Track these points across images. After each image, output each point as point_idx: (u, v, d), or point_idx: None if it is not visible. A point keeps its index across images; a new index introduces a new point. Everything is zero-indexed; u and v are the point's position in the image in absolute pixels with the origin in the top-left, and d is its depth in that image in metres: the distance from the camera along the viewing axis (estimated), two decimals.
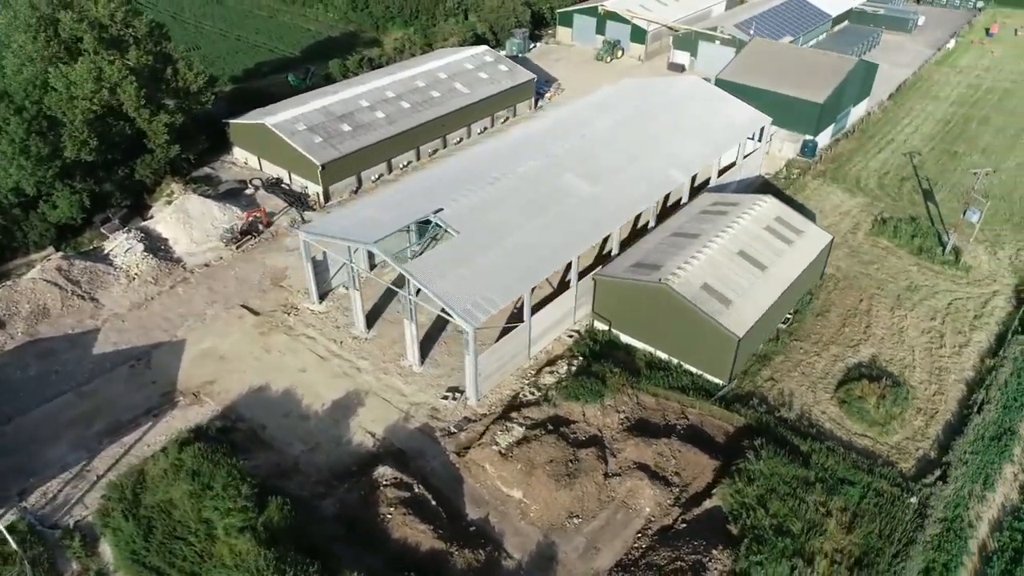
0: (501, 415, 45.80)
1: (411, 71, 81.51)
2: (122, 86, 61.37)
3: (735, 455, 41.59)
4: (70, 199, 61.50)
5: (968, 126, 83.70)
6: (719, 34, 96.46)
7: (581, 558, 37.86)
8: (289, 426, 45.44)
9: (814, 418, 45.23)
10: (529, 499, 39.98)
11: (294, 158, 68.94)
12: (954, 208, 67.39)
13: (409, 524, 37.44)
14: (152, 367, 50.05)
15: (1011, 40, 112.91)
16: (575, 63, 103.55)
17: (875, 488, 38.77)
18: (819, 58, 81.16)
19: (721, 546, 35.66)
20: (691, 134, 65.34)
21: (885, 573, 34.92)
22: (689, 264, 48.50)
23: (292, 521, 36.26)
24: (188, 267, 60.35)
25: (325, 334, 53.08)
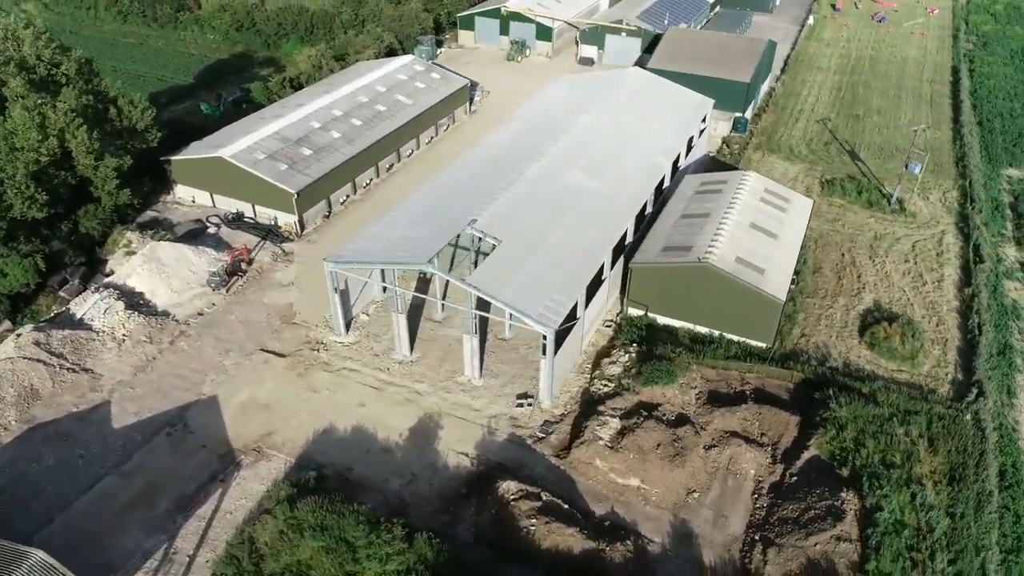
0: (580, 412, 46.74)
1: (348, 87, 79.03)
2: (70, 131, 55.06)
3: (807, 408, 45.31)
4: (21, 264, 54.47)
5: (856, 91, 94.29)
6: (625, 26, 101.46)
7: (715, 528, 39.83)
8: (376, 463, 43.61)
9: (853, 363, 50.08)
10: (648, 484, 41.33)
11: (259, 189, 64.98)
12: (878, 164, 76.18)
13: (556, 531, 37.56)
14: (193, 430, 45.92)
15: (855, 13, 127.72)
16: (486, 64, 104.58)
17: (936, 413, 43.89)
18: (733, 41, 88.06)
19: (845, 488, 38.97)
20: (658, 122, 69.07)
21: (974, 482, 39.82)
22: (717, 241, 51.71)
23: (447, 554, 35.24)
24: (179, 319, 55.47)
25: (367, 364, 51.10)
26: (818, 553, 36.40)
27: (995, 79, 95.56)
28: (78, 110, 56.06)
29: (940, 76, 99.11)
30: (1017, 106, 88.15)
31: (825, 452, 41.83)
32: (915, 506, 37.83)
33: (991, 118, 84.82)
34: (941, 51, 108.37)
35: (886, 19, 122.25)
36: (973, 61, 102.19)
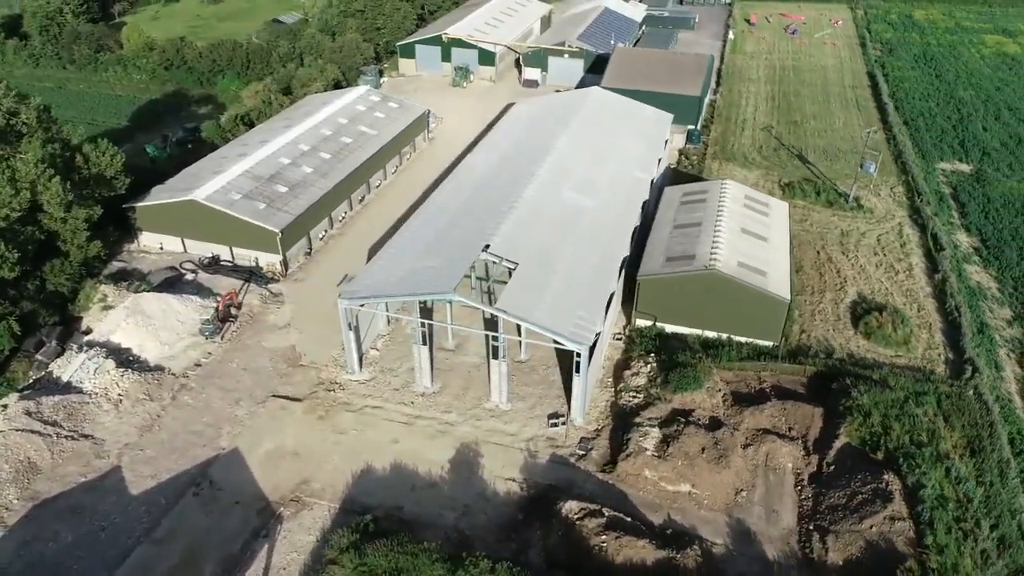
0: (614, 425, 47.43)
1: (310, 121, 77.53)
2: (41, 182, 51.57)
3: (826, 399, 47.70)
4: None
5: (789, 99, 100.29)
6: (567, 48, 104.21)
7: (769, 523, 41.22)
8: (424, 499, 42.73)
9: (854, 353, 53.11)
10: (698, 488, 42.36)
11: (237, 230, 62.74)
12: (827, 165, 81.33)
13: (627, 544, 37.93)
14: (221, 486, 43.63)
15: (767, 26, 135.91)
16: (432, 91, 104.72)
17: (942, 391, 47.15)
18: (678, 58, 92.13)
19: (885, 470, 41.21)
20: (629, 138, 71.36)
21: (992, 452, 43.00)
22: (717, 248, 53.84)
23: None
24: (176, 372, 52.65)
25: (389, 399, 50.05)
26: (875, 535, 38.34)
27: (908, 82, 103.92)
28: (46, 160, 52.59)
29: (859, 81, 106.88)
30: (932, 105, 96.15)
31: (855, 439, 44.12)
32: (950, 480, 40.49)
33: (914, 117, 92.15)
34: (854, 59, 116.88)
35: (798, 31, 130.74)
36: (884, 67, 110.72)
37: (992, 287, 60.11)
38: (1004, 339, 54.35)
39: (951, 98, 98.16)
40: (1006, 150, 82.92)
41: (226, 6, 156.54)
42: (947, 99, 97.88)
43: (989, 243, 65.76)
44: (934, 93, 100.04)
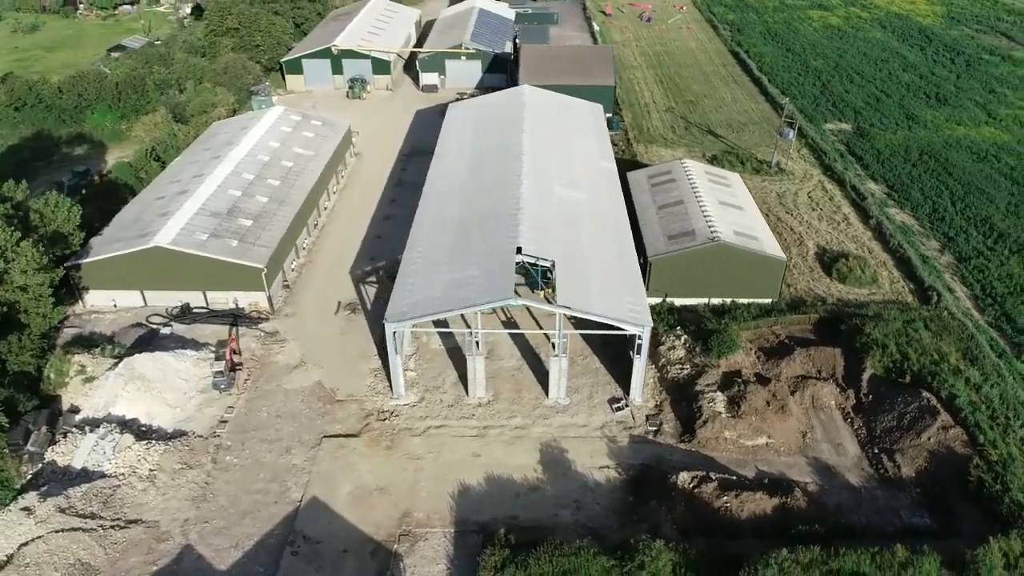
0: (672, 399, 50.14)
1: (240, 148, 72.55)
2: (10, 248, 44.64)
3: (838, 340, 53.52)
4: None
5: (675, 82, 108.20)
6: (464, 51, 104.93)
7: (840, 456, 45.94)
8: (533, 503, 42.93)
9: (839, 296, 59.76)
10: (773, 438, 46.21)
11: (211, 273, 58.08)
12: (736, 137, 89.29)
13: (747, 499, 40.81)
14: (318, 539, 40.95)
15: (622, 16, 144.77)
16: (331, 106, 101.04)
17: (925, 316, 54.66)
18: (584, 51, 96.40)
19: (921, 390, 47.35)
20: (578, 130, 74.22)
21: (985, 359, 50.78)
22: (712, 222, 58.15)
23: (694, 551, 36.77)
24: (202, 434, 48.16)
25: (448, 416, 49.24)
26: (934, 445, 44.19)
27: (767, 57, 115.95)
28: (9, 222, 45.65)
29: (726, 60, 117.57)
30: (795, 75, 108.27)
31: (880, 369, 50.17)
32: (971, 387, 47.46)
33: (787, 87, 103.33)
34: (712, 40, 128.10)
35: (653, 19, 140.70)
36: (741, 45, 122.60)
37: (914, 225, 69.94)
38: (943, 266, 63.68)
39: (807, 68, 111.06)
40: (871, 108, 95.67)
41: (45, 35, 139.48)
42: (804, 69, 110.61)
43: (895, 188, 76.23)
44: (792, 65, 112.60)
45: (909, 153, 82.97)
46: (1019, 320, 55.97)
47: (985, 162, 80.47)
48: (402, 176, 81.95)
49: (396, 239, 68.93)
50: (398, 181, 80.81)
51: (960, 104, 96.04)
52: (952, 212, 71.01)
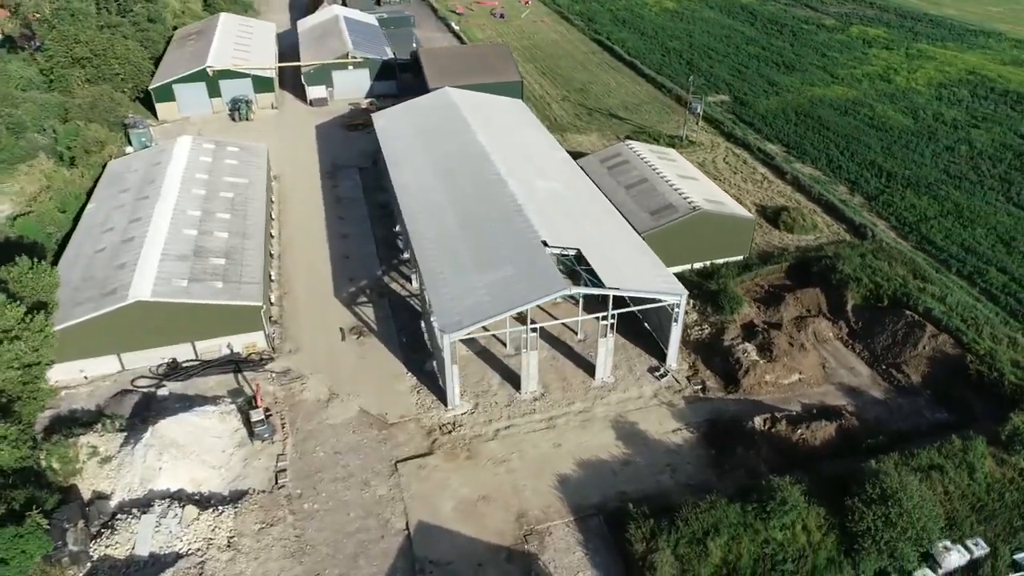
0: (703, 357, 54.22)
1: (167, 185, 66.36)
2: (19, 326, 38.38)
3: (814, 280, 60.54)
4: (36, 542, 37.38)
5: (556, 72, 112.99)
6: (351, 60, 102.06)
7: (855, 377, 52.53)
8: (636, 475, 45.05)
9: (793, 244, 67.19)
10: (803, 374, 51.82)
11: (199, 321, 53.40)
12: (637, 117, 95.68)
13: (816, 428, 45.85)
14: (447, 559, 40.08)
15: (473, 14, 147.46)
16: (217, 131, 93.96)
17: (871, 249, 63.32)
18: (480, 50, 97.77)
19: (902, 310, 55.16)
20: (517, 126, 76.09)
21: (935, 275, 60.10)
22: (684, 194, 62.99)
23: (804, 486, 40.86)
24: (263, 488, 44.77)
25: (511, 415, 49.69)
26: (930, 352, 52.03)
27: (628, 42, 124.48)
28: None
29: (592, 48, 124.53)
30: (660, 56, 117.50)
31: (858, 299, 57.67)
32: (937, 299, 56.14)
33: (660, 69, 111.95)
34: (571, 31, 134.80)
35: (506, 15, 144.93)
36: (599, 33, 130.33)
37: (819, 175, 79.91)
38: (858, 206, 73.67)
39: (667, 49, 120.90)
40: (737, 79, 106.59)
41: None
42: (665, 51, 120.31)
43: (790, 145, 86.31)
44: (653, 48, 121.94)
45: (786, 115, 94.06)
46: (937, 240, 66.63)
47: (848, 116, 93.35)
48: (336, 193, 79.07)
49: (364, 256, 67.26)
50: (335, 199, 77.87)
51: (804, 69, 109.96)
52: (843, 160, 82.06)
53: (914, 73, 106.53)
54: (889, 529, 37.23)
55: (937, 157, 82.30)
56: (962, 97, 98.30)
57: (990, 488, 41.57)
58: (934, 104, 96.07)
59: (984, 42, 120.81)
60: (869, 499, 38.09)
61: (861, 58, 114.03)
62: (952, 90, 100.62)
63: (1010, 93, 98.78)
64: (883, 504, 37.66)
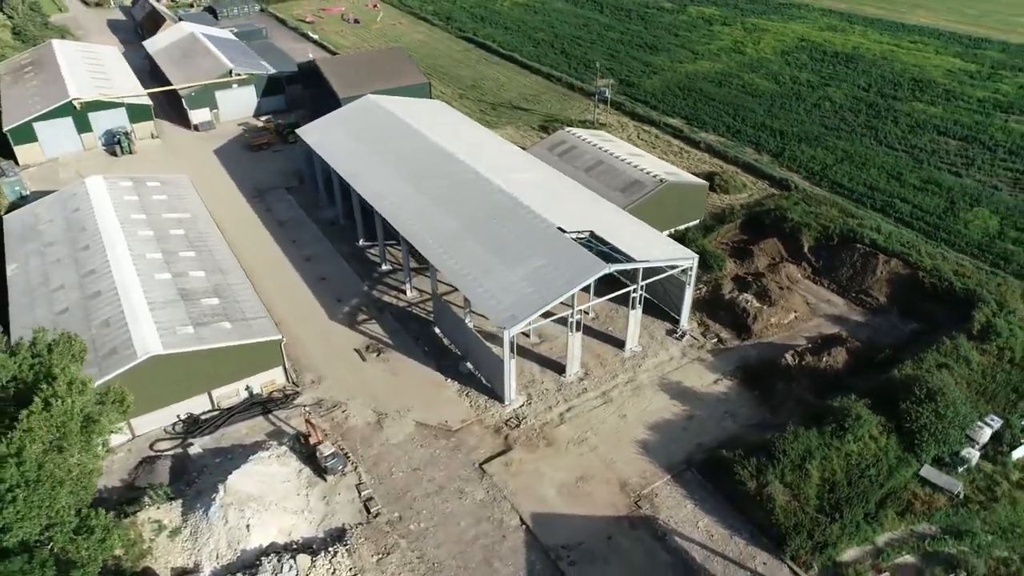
0: (709, 313, 58.99)
1: (111, 227, 59.92)
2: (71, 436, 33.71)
3: (768, 231, 67.65)
4: None
5: (443, 72, 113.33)
6: (235, 78, 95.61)
7: (831, 306, 59.94)
8: (701, 429, 48.55)
9: (729, 203, 74.17)
10: (797, 312, 58.25)
11: (217, 367, 49.45)
12: (539, 106, 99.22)
13: (834, 354, 52.29)
14: (576, 541, 41.20)
15: (324, 21, 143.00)
16: (98, 168, 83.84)
17: (802, 200, 71.79)
18: (380, 55, 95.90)
19: (854, 244, 63.46)
20: (460, 125, 76.70)
21: (859, 212, 69.52)
22: (645, 170, 67.53)
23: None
24: (356, 521, 42.96)
25: (567, 398, 51.32)
26: (889, 273, 60.63)
27: (497, 37, 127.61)
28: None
29: (463, 46, 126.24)
30: (533, 48, 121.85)
31: (812, 241, 65.50)
32: (875, 230, 65.17)
33: (540, 58, 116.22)
34: (434, 30, 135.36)
35: (360, 20, 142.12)
36: (463, 30, 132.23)
37: (725, 141, 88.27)
38: (770, 162, 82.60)
39: (537, 41, 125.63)
40: (614, 63, 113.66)
41: None
42: (535, 43, 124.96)
43: (689, 118, 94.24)
44: (523, 41, 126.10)
45: (672, 91, 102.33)
46: (845, 183, 76.81)
47: (723, 87, 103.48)
48: (275, 216, 74.86)
49: (341, 276, 65.11)
50: (276, 223, 73.73)
51: (667, 49, 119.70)
52: (739, 125, 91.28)
53: (758, 44, 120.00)
54: (940, 421, 43.91)
55: (810, 114, 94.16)
56: (804, 62, 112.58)
57: (984, 373, 50.10)
58: (786, 69, 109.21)
59: (799, 13, 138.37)
60: (919, 400, 44.60)
61: (709, 35, 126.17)
62: (795, 56, 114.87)
63: (839, 55, 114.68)
64: (932, 401, 44.33)
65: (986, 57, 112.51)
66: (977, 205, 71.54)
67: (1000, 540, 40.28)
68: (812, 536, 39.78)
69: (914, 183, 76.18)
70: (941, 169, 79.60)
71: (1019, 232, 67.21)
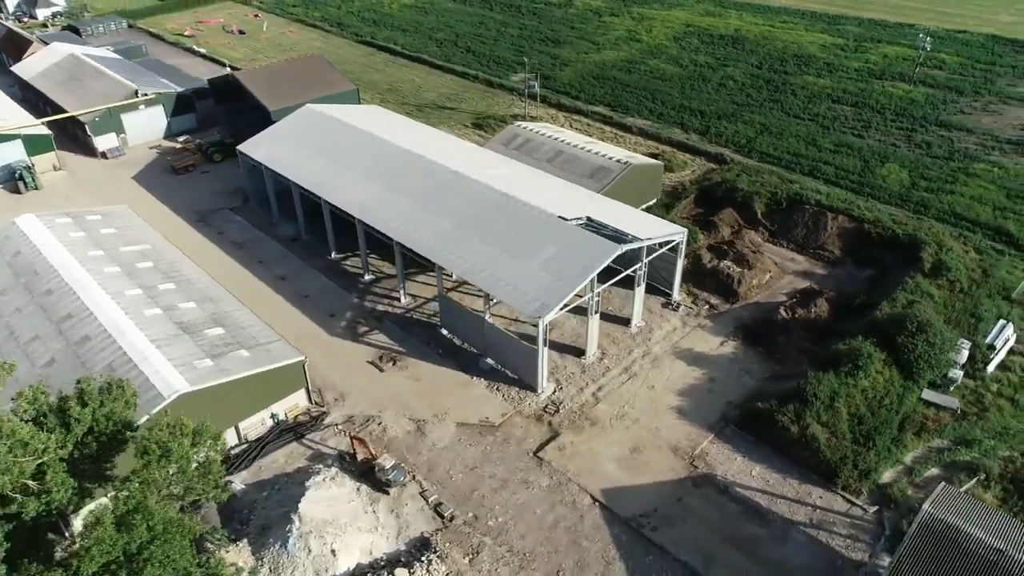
0: (691, 283, 62.73)
1: (68, 271, 54.65)
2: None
3: (721, 202, 72.63)
4: None
5: (356, 77, 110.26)
6: (142, 98, 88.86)
7: (797, 265, 65.62)
8: (725, 387, 51.99)
9: (672, 181, 78.75)
10: (770, 271, 63.32)
11: (244, 397, 47.19)
12: (465, 104, 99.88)
13: (820, 305, 57.34)
14: (650, 508, 43.17)
15: (206, 34, 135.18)
16: (6, 208, 76.40)
17: (742, 170, 77.62)
18: (303, 63, 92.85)
19: (803, 204, 69.51)
20: (410, 127, 76.24)
21: (794, 177, 76.12)
22: (604, 155, 70.55)
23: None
24: (435, 528, 42.65)
25: (594, 379, 53.20)
26: (838, 229, 67.04)
27: (396, 39, 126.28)
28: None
29: (365, 51, 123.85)
30: (437, 47, 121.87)
31: (763, 206, 71.14)
32: (816, 191, 71.71)
33: (450, 59, 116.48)
34: (328, 36, 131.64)
35: (245, 31, 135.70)
36: (360, 35, 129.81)
37: (652, 123, 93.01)
38: (700, 140, 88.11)
39: (440, 42, 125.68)
40: (524, 57, 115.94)
41: None
42: (438, 43, 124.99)
43: (612, 105, 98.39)
44: (425, 42, 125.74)
45: (588, 81, 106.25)
46: (771, 153, 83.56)
47: (633, 73, 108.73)
48: (230, 239, 71.07)
49: (324, 290, 63.65)
50: (233, 245, 70.06)
51: (569, 42, 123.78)
52: (660, 108, 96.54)
53: (651, 32, 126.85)
54: (932, 349, 49.81)
55: (718, 93, 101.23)
56: (697, 46, 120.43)
57: (945, 304, 57.06)
58: (684, 54, 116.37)
59: (677, 1, 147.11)
60: (911, 333, 50.27)
61: (603, 26, 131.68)
62: (687, 41, 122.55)
63: (725, 37, 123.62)
64: (923, 333, 50.10)
65: (849, 32, 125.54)
66: (887, 162, 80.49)
67: (1000, 443, 46.52)
68: (856, 465, 44.16)
69: (829, 147, 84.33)
70: (846, 133, 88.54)
71: (928, 182, 76.42)
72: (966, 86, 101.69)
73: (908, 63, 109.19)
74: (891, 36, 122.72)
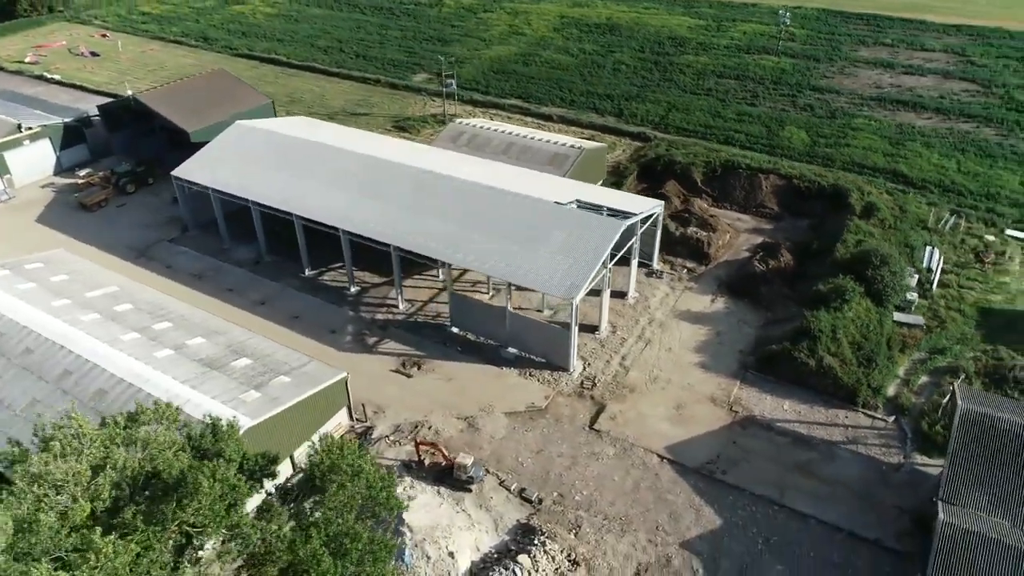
0: (665, 251, 67.22)
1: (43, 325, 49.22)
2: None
3: (662, 176, 77.94)
4: None
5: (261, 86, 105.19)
6: (26, 132, 79.35)
7: (746, 224, 72.19)
8: (735, 338, 56.61)
9: (611, 160, 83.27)
10: (728, 231, 69.28)
11: (296, 423, 45.24)
12: (389, 107, 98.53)
13: (783, 254, 63.77)
14: (722, 468, 46.76)
15: (53, 59, 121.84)
16: None
17: (672, 146, 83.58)
18: (209, 80, 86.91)
19: (734, 170, 76.24)
20: (353, 133, 74.44)
21: (718, 147, 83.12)
22: (555, 142, 73.51)
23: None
24: (531, 515, 43.63)
25: (617, 351, 56.16)
26: (772, 188, 74.44)
27: (280, 49, 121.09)
28: None
29: (248, 63, 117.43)
30: (322, 55, 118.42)
31: (701, 175, 77.20)
32: (744, 157, 78.83)
33: (338, 67, 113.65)
34: (200, 52, 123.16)
35: (99, 53, 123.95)
36: (234, 47, 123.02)
37: (571, 111, 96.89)
38: (617, 121, 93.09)
39: (324, 49, 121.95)
40: (417, 57, 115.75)
41: None
42: (323, 50, 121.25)
43: (523, 97, 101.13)
44: (308, 50, 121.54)
45: (490, 76, 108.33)
46: (687, 127, 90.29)
47: (531, 66, 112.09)
48: (185, 271, 66.18)
49: (315, 309, 62.12)
50: (191, 276, 65.42)
51: (456, 40, 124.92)
52: (570, 96, 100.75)
53: (531, 26, 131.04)
54: (895, 277, 57.50)
55: (615, 77, 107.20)
56: (579, 35, 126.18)
57: (883, 240, 65.55)
58: (571, 44, 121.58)
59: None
60: (876, 266, 57.63)
61: (482, 23, 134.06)
62: (568, 31, 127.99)
63: (600, 26, 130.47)
64: (886, 265, 57.64)
65: (706, 14, 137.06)
66: (785, 125, 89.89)
67: (964, 346, 54.87)
68: (870, 385, 50.39)
69: (733, 117, 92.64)
70: (740, 103, 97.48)
71: (825, 139, 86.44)
72: (820, 55, 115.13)
73: (765, 38, 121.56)
74: (744, 15, 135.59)
